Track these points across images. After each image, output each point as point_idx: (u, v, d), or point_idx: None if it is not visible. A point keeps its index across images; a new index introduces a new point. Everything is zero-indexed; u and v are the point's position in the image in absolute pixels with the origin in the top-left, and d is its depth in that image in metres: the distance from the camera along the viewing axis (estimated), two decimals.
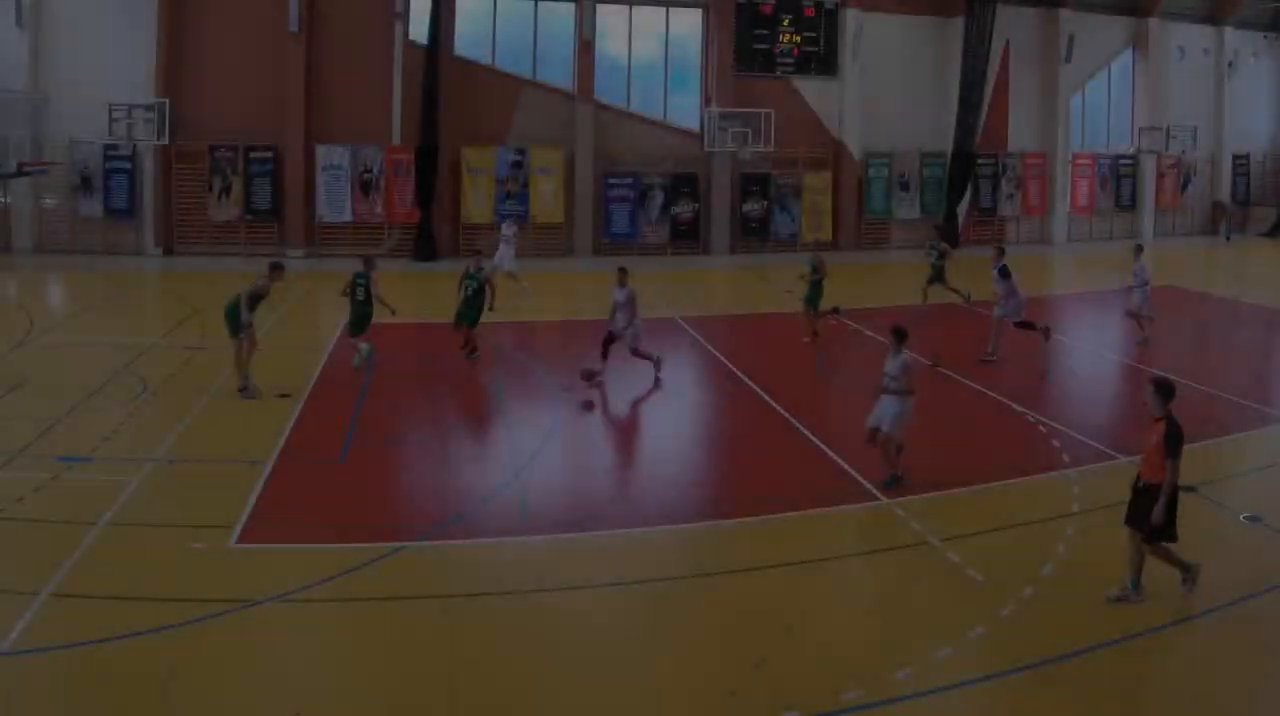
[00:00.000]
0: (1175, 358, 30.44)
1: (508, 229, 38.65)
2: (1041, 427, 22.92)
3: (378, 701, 12.11)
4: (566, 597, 14.88)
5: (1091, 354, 32.02)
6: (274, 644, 13.38)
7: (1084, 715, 12.04)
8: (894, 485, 18.82)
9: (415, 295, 38.43)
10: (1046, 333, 29.81)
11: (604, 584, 15.28)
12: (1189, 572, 14.38)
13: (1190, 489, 17.30)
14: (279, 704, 11.85)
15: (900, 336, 19.36)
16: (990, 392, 25.86)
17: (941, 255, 37.57)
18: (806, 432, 22.57)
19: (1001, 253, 30.71)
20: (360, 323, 27.04)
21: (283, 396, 24.49)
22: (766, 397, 25.38)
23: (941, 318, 36.54)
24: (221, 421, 22.72)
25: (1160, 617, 14.18)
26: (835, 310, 32.68)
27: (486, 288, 29.24)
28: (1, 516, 16.88)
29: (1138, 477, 14.50)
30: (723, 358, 29.75)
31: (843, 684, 12.27)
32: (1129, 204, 61.40)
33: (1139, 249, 32.75)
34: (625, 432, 23.78)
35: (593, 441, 23.23)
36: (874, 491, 18.64)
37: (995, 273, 29.42)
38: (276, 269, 24.77)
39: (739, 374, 27.76)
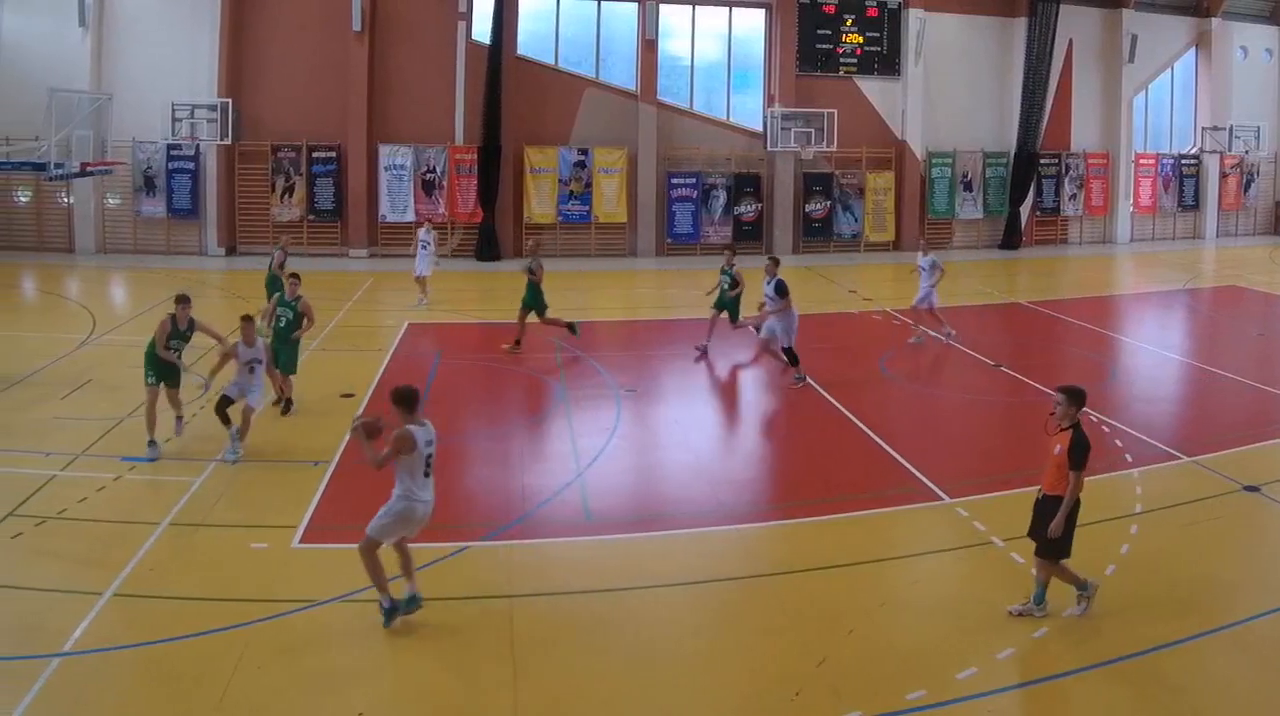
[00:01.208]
0: (1236, 358, 30.06)
1: (425, 234, 37.01)
2: (1104, 427, 22.29)
3: (440, 702, 12.02)
4: (628, 598, 14.75)
5: (1153, 353, 31.24)
6: (337, 645, 13.20)
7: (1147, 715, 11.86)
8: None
9: (478, 296, 38.22)
10: (795, 371, 25.99)
11: (666, 584, 15.09)
12: (1085, 591, 13.79)
13: (1254, 488, 18.02)
14: (341, 705, 11.76)
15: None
16: (1052, 392, 24.50)
17: (735, 283, 29.73)
18: (869, 432, 22.27)
19: (776, 263, 27.30)
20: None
21: (346, 396, 24.32)
22: (829, 397, 25.00)
23: (1003, 319, 36.04)
24: (284, 422, 22.52)
25: (1223, 617, 13.94)
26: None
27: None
28: (64, 516, 16.79)
29: (1039, 491, 14.05)
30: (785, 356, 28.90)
31: (906, 684, 12.14)
32: (1192, 204, 60.36)
33: (926, 244, 32.05)
34: (687, 432, 22.89)
35: (655, 441, 22.69)
36: (938, 491, 18.43)
37: (768, 287, 26.39)
38: (182, 302, 21.42)
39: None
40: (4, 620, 13.51)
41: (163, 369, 20.15)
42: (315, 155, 47.90)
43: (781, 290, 25.72)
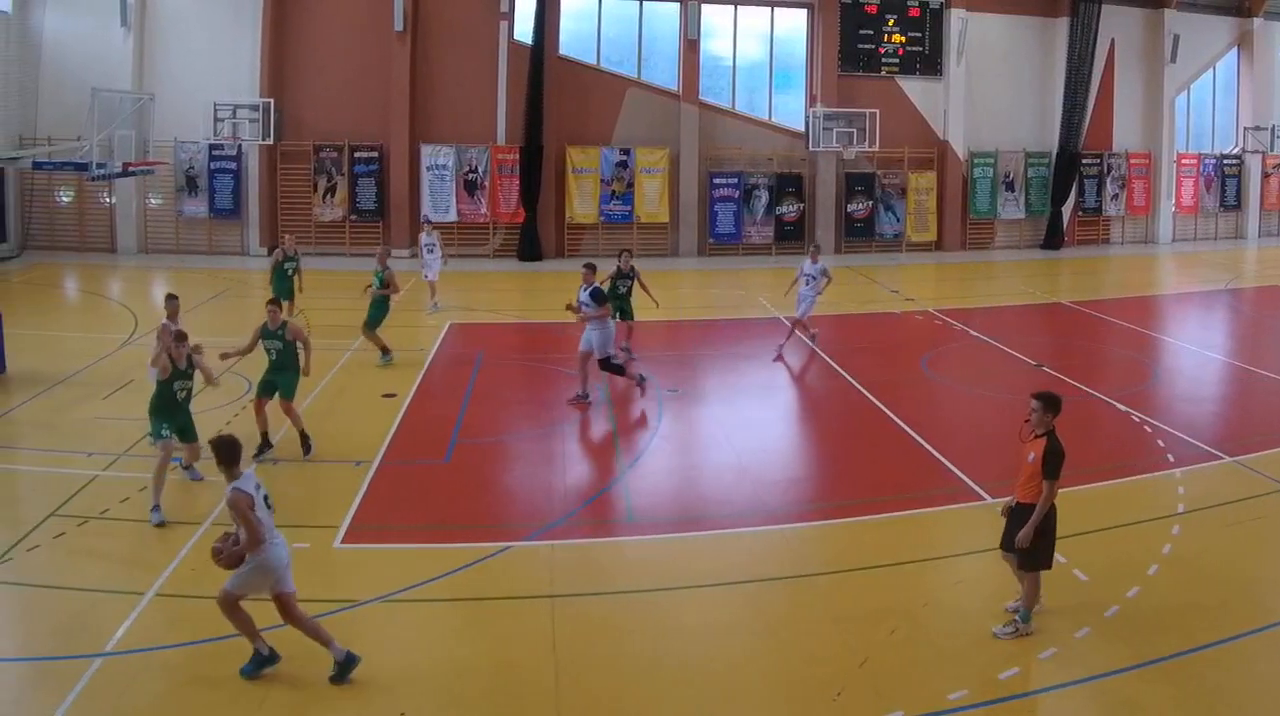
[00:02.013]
0: (1279, 358, 29.58)
1: (427, 237, 36.04)
2: (1146, 427, 22.38)
3: (483, 702, 11.93)
4: (670, 598, 14.68)
5: (1195, 354, 30.68)
6: (379, 645, 13.04)
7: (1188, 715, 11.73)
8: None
9: (520, 296, 38.10)
10: (642, 384, 24.81)
11: (708, 584, 15.00)
12: (1025, 622, 13.27)
13: None
14: (384, 705, 11.73)
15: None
16: (1095, 392, 25.16)
17: (630, 280, 28.72)
18: (911, 432, 22.12)
19: (593, 270, 25.59)
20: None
21: (388, 396, 24.27)
22: (870, 397, 24.92)
23: (1045, 319, 35.80)
24: (326, 422, 22.26)
25: (1265, 618, 13.78)
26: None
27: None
28: (106, 516, 16.81)
29: (1012, 499, 13.67)
30: (826, 357, 28.91)
31: (948, 684, 12.10)
32: (1234, 204, 59.54)
33: (816, 248, 30.52)
34: (729, 432, 22.49)
35: (697, 441, 22.54)
36: (980, 491, 18.27)
37: (584, 293, 24.71)
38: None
39: (843, 373, 27.15)
40: (47, 620, 13.52)
41: (177, 413, 17.75)
42: (357, 155, 47.56)
43: (599, 298, 24.43)
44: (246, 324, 25.66)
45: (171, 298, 21.36)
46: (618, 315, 27.74)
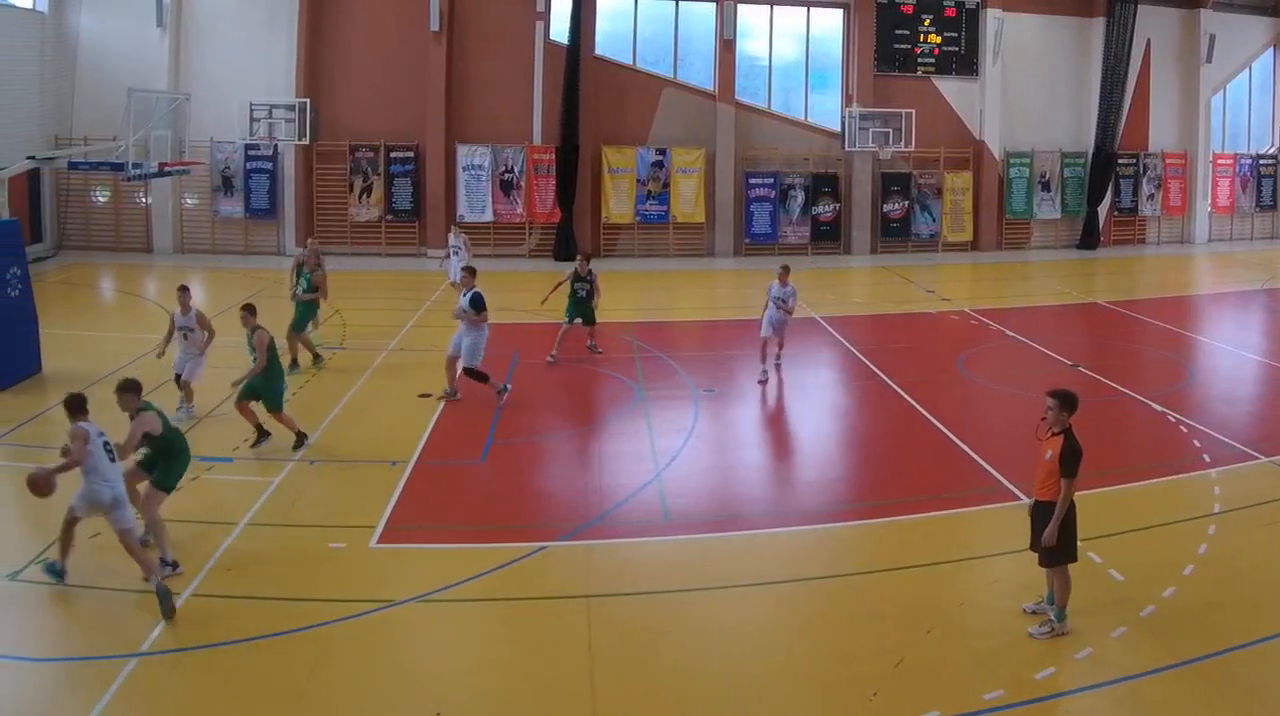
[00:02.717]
0: None
1: (455, 239, 36.34)
2: (1182, 427, 22.30)
3: (518, 702, 11.96)
4: (706, 598, 14.67)
5: (1231, 354, 30.55)
6: (414, 644, 13.24)
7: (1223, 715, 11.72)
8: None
9: (556, 296, 38.19)
10: (501, 393, 24.01)
11: (744, 584, 15.02)
12: (1060, 623, 13.26)
13: None
14: (419, 705, 11.73)
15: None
16: (1131, 392, 25.19)
17: (588, 283, 28.40)
18: (947, 432, 22.13)
19: (472, 274, 24.79)
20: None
21: (424, 396, 24.27)
22: (906, 397, 24.92)
23: (1081, 319, 35.71)
24: (362, 422, 22.57)
25: None
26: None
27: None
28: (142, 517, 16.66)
29: (1034, 499, 13.69)
30: (863, 357, 29.00)
31: (984, 684, 12.09)
32: (1270, 204, 59.00)
33: (785, 269, 27.28)
34: (765, 432, 23.14)
35: (733, 441, 22.54)
36: (1016, 491, 18.14)
37: (464, 299, 24.06)
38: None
39: (879, 373, 27.18)
40: (82, 620, 13.62)
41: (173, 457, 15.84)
42: (393, 155, 47.53)
43: (478, 304, 23.73)
44: (281, 324, 25.80)
45: (183, 289, 22.19)
46: (579, 319, 28.27)
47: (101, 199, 47.09)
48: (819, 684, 12.28)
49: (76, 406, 14.36)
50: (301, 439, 20.63)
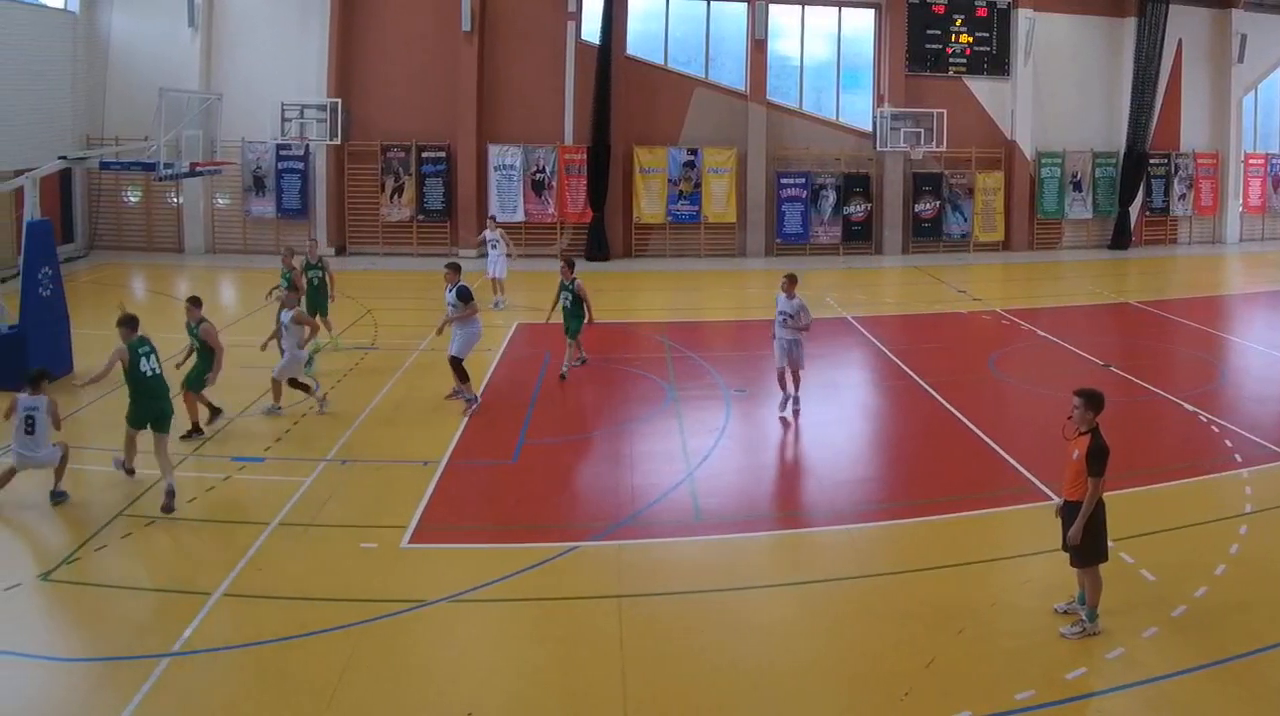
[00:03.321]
0: None
1: (491, 234, 36.12)
2: (1214, 427, 22.15)
3: (549, 702, 11.94)
4: (737, 598, 14.67)
5: (1263, 354, 30.24)
6: (445, 645, 13.23)
7: None
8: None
9: (590, 296, 38.23)
10: (470, 402, 23.33)
11: (776, 583, 15.05)
12: (1091, 622, 13.22)
13: None
14: (451, 705, 11.75)
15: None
16: (1162, 392, 25.08)
17: (570, 292, 26.36)
18: (978, 432, 22.08)
19: (456, 270, 24.25)
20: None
21: (452, 397, 24.11)
22: (937, 396, 24.85)
23: (1112, 318, 35.67)
24: (393, 421, 22.58)
25: None
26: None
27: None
28: (174, 516, 16.96)
29: (1063, 499, 13.64)
30: (894, 357, 28.94)
31: (1015, 684, 12.06)
32: None
33: (790, 280, 23.66)
34: (796, 432, 22.55)
35: (764, 441, 22.47)
36: (1047, 491, 17.96)
37: (450, 294, 23.68)
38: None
39: (910, 373, 27.09)
40: (114, 620, 13.60)
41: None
42: (425, 155, 47.64)
43: (465, 297, 23.38)
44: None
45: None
46: (568, 334, 26.34)
47: (133, 199, 47.37)
48: (850, 683, 12.26)
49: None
50: (195, 430, 21.02)
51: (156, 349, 18.17)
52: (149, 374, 17.76)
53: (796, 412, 23.33)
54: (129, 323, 17.89)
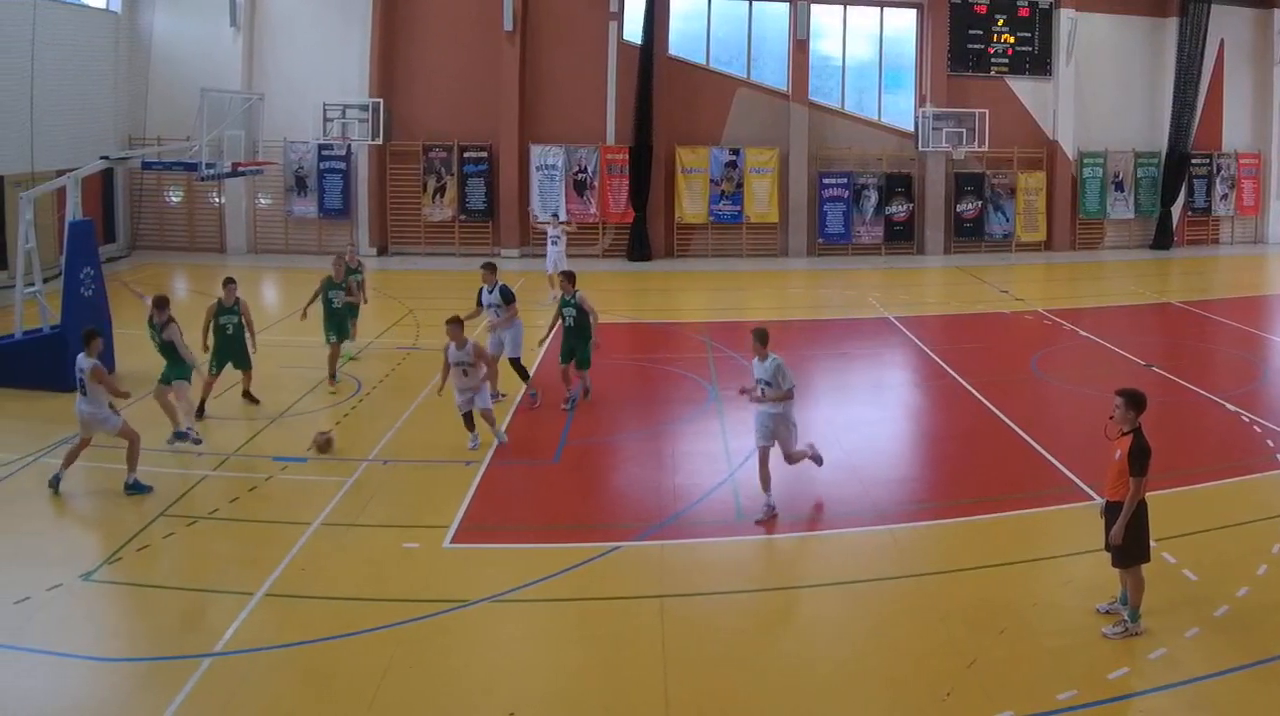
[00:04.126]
0: None
1: (553, 230, 36.39)
2: (1256, 427, 22.01)
3: (591, 703, 11.91)
4: (779, 598, 14.81)
5: None
6: (487, 645, 13.25)
7: None
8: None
9: (629, 296, 38.12)
10: (534, 398, 23.69)
11: (817, 584, 15.11)
12: (1134, 623, 13.17)
13: None
14: (492, 705, 11.74)
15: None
16: (1204, 392, 24.89)
17: (573, 307, 23.72)
18: (1020, 432, 21.96)
19: (492, 270, 24.15)
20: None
21: (498, 397, 23.60)
22: (980, 396, 24.74)
23: (1154, 318, 35.57)
24: (435, 421, 22.27)
25: None
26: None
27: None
28: (216, 516, 17.06)
29: (1106, 499, 13.57)
30: (936, 357, 28.97)
31: (1057, 684, 12.00)
32: None
33: (760, 338, 18.87)
34: (838, 431, 22.04)
35: (805, 440, 22.18)
36: (1089, 492, 17.80)
37: (490, 297, 23.77)
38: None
39: (952, 373, 27.06)
40: (156, 620, 13.69)
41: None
42: (467, 155, 47.77)
43: (508, 296, 23.37)
44: (367, 325, 26.01)
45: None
46: (569, 358, 23.73)
47: (175, 199, 47.63)
48: (892, 683, 12.25)
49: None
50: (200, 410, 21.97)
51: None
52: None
53: (769, 513, 17.34)
54: (160, 304, 19.93)
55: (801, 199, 50.02)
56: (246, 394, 23.58)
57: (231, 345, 22.99)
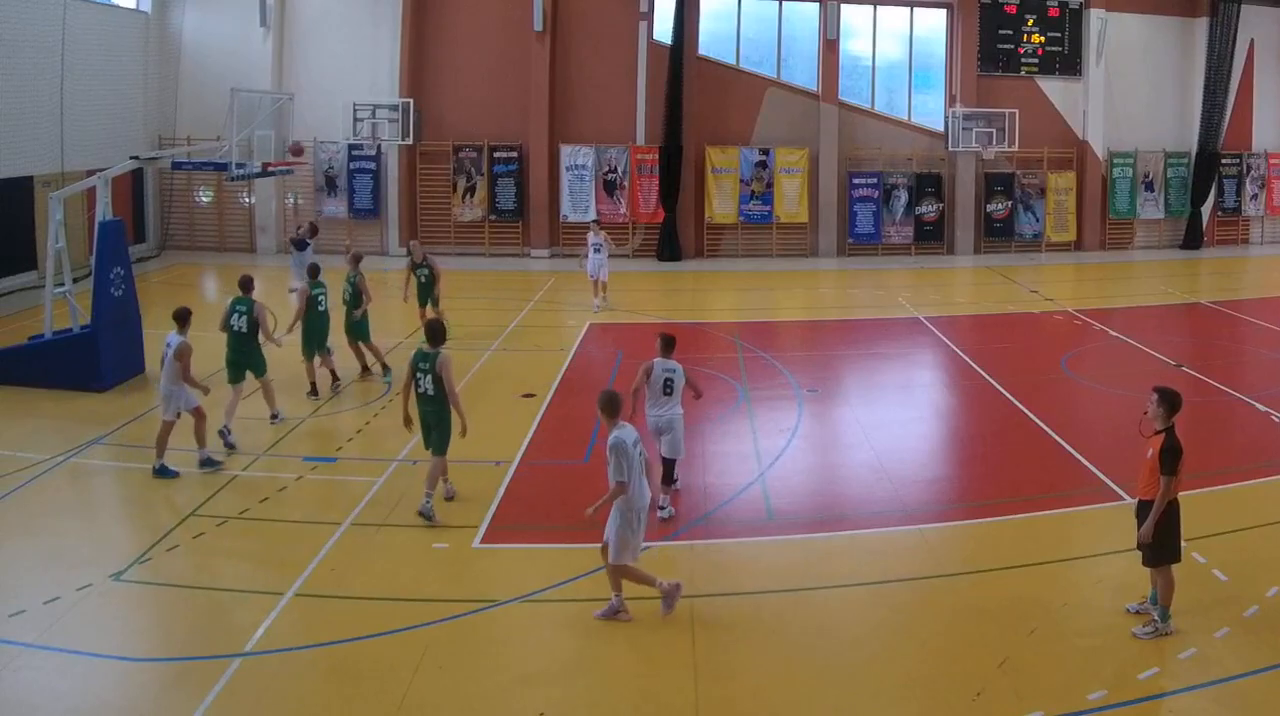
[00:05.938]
0: None
1: (595, 236, 35.49)
2: None
3: (621, 703, 11.97)
4: (810, 598, 14.73)
5: None
6: (517, 645, 13.32)
7: None
8: None
9: (660, 296, 38.10)
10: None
11: (847, 584, 15.07)
12: (1164, 623, 13.17)
13: None
14: (523, 705, 11.80)
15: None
16: (1235, 392, 24.96)
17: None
18: (1050, 432, 21.96)
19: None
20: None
21: (527, 396, 24.44)
22: (1010, 396, 24.76)
23: (1184, 319, 35.51)
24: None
25: None
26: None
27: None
28: (246, 516, 17.17)
29: (1138, 499, 13.60)
30: (966, 357, 28.96)
31: (1087, 684, 12.07)
32: None
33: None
34: (868, 432, 22.41)
35: (836, 441, 22.56)
36: (1120, 491, 17.96)
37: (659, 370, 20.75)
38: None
39: (982, 373, 27.06)
40: (186, 620, 13.76)
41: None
42: (497, 155, 47.68)
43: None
44: (383, 323, 25.98)
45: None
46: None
47: (205, 199, 47.78)
48: (923, 683, 12.28)
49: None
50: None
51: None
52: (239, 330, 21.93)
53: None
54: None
55: (831, 199, 49.90)
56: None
57: (321, 322, 24.27)
